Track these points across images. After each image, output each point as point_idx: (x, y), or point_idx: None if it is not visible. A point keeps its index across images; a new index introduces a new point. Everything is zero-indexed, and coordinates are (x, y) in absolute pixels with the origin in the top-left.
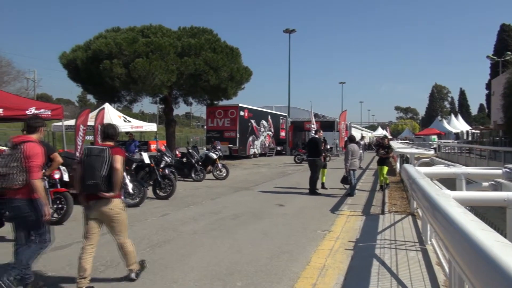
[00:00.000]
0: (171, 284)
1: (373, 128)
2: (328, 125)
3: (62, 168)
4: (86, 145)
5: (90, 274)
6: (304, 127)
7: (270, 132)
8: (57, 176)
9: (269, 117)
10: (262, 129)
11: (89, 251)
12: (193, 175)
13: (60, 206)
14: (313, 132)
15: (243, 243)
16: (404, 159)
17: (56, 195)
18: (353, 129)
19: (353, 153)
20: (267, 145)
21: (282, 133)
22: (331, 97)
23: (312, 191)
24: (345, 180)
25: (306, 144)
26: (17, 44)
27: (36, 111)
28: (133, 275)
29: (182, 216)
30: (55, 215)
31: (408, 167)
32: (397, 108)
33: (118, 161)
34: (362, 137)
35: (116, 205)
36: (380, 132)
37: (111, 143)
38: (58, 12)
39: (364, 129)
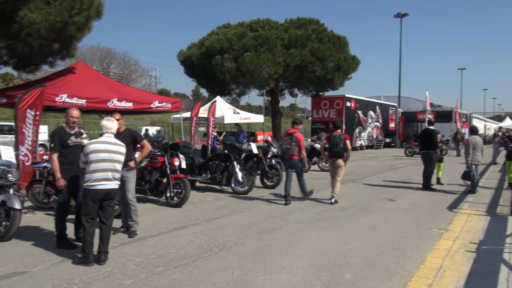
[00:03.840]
0: (279, 270)
1: (499, 118)
2: (444, 116)
3: (181, 156)
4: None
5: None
6: (416, 118)
7: (378, 123)
8: (176, 163)
9: (377, 107)
10: (370, 120)
11: (334, 181)
12: None
13: (179, 190)
14: (427, 122)
15: (351, 236)
16: None
17: (176, 180)
18: (474, 119)
19: (475, 146)
20: (374, 137)
21: (392, 124)
22: (447, 85)
23: (426, 186)
24: (466, 175)
25: (419, 135)
26: (143, 45)
27: (159, 104)
28: (333, 200)
29: (289, 206)
30: (175, 198)
31: None
32: None
33: (348, 140)
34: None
35: (341, 162)
36: (509, 123)
37: (338, 131)
38: (176, 13)
39: (488, 119)
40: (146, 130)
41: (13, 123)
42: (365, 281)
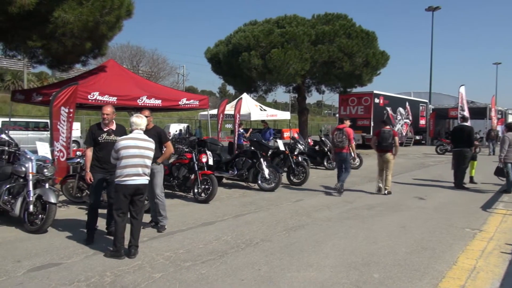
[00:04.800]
0: (306, 267)
1: None
2: (478, 112)
3: (208, 153)
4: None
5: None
6: (448, 115)
7: (407, 120)
8: (204, 160)
9: (407, 104)
10: (399, 117)
11: (381, 173)
12: (325, 163)
13: (206, 187)
14: (461, 119)
15: (379, 235)
16: None
17: (203, 177)
18: (510, 116)
19: (511, 143)
20: (404, 134)
21: (422, 121)
22: (481, 80)
23: (459, 185)
24: (500, 171)
25: (452, 133)
26: (171, 43)
27: (187, 102)
28: (386, 192)
29: (316, 203)
30: (203, 194)
31: None
32: None
33: (397, 136)
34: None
35: (390, 155)
36: None
37: (387, 127)
38: (203, 11)
39: None
40: (180, 130)
41: (48, 120)
42: (394, 281)
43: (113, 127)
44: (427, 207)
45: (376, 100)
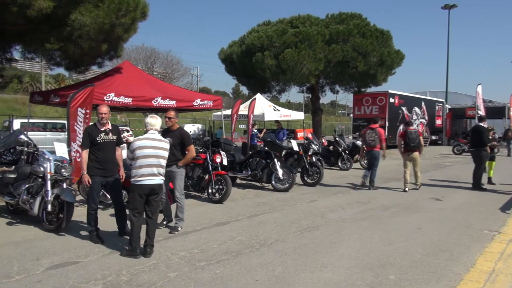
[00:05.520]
0: (321, 268)
1: None
2: (496, 112)
3: (222, 153)
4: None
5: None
6: (465, 114)
7: (423, 120)
8: (218, 160)
9: (423, 103)
10: (414, 117)
11: (408, 169)
12: (339, 164)
13: (221, 187)
14: (478, 119)
15: (395, 236)
16: None
17: (218, 177)
18: None
19: None
20: None
21: (438, 121)
22: (500, 79)
23: (476, 185)
24: None
25: (470, 132)
26: (185, 44)
27: (201, 102)
28: (418, 187)
29: (330, 204)
30: (217, 195)
31: None
32: None
33: (422, 136)
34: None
35: (417, 154)
36: None
37: (411, 127)
38: (216, 12)
39: None
40: (204, 132)
41: (65, 121)
42: (410, 283)
43: (109, 126)
44: (444, 208)
45: (391, 100)
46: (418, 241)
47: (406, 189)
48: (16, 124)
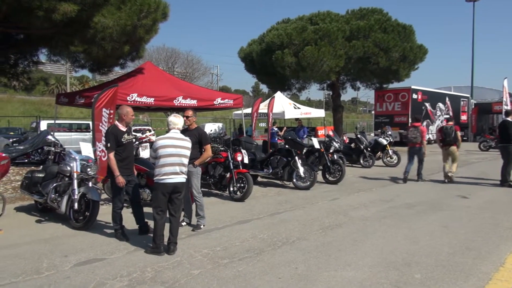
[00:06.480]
0: (344, 266)
1: None
2: None
3: (243, 151)
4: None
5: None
6: (492, 109)
7: (448, 116)
8: (239, 158)
9: (447, 99)
10: (438, 113)
11: (447, 162)
12: (361, 161)
13: (242, 185)
14: (505, 113)
15: (420, 234)
16: None
17: (239, 175)
18: None
19: None
20: None
21: (463, 117)
22: None
23: (505, 182)
24: None
25: (496, 128)
26: (204, 44)
27: (222, 101)
28: (450, 180)
29: (352, 202)
30: (238, 193)
31: None
32: None
33: (459, 130)
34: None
35: (454, 148)
36: None
37: (450, 123)
38: (236, 10)
39: None
40: (225, 134)
41: (89, 122)
42: (436, 282)
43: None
44: (471, 206)
45: (414, 96)
46: (444, 239)
47: (446, 180)
48: (43, 125)
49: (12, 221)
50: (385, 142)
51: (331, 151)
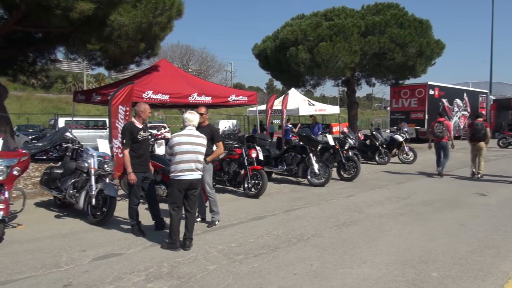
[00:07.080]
0: (360, 263)
1: None
2: None
3: (258, 148)
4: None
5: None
6: (511, 105)
7: (465, 112)
8: (253, 155)
9: (465, 94)
10: (456, 109)
11: (474, 161)
12: (377, 158)
13: (256, 181)
14: None
15: (437, 232)
16: None
17: (253, 172)
18: None
19: None
20: (461, 126)
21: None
22: None
23: None
24: None
25: None
26: (218, 41)
27: (236, 98)
28: (479, 175)
29: (368, 199)
30: (253, 189)
31: None
32: None
33: (488, 127)
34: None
35: (483, 144)
36: None
37: (480, 119)
38: (250, 7)
39: None
40: (239, 131)
41: (106, 119)
42: (454, 280)
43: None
44: (490, 204)
45: (431, 92)
46: (462, 237)
47: (473, 175)
48: (61, 122)
49: (32, 216)
50: (400, 139)
51: (346, 148)
